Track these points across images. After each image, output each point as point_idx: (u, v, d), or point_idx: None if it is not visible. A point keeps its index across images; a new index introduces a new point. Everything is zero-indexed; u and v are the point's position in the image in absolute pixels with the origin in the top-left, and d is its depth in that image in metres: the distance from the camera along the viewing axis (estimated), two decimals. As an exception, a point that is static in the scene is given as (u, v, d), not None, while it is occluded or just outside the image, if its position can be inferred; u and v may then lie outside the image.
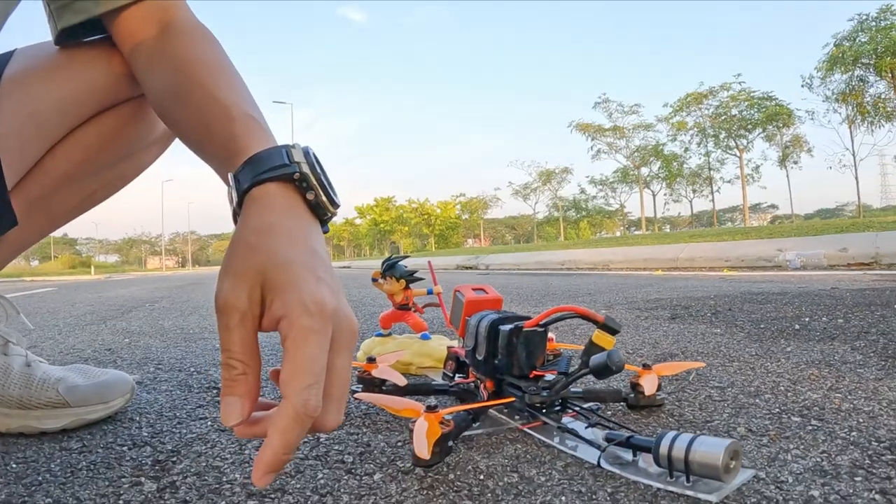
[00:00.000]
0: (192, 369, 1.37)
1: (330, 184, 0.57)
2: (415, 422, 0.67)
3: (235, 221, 0.53)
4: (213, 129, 0.61)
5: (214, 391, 1.13)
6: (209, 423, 0.91)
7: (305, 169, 0.53)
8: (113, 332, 2.21)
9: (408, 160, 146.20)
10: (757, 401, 0.91)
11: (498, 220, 78.85)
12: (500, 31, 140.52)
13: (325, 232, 0.56)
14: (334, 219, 0.58)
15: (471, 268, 11.85)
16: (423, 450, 0.62)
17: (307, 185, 0.53)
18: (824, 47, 28.36)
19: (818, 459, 0.66)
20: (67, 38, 0.73)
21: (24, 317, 0.97)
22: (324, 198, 0.54)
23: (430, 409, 0.68)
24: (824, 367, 1.11)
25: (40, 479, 0.69)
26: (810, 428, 0.77)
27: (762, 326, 1.67)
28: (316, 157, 0.57)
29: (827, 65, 28.23)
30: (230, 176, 0.55)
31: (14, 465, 0.74)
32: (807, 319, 1.77)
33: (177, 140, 1.00)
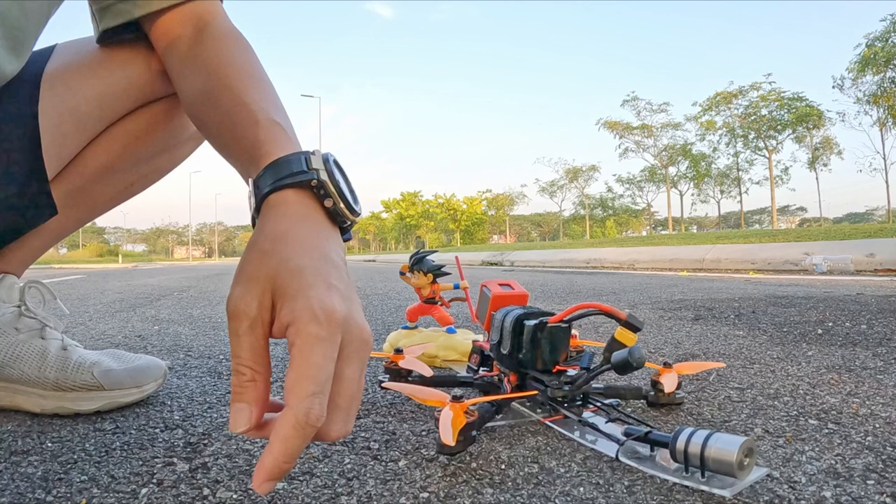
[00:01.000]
0: (221, 356, 1.41)
1: (351, 191, 0.57)
2: (440, 411, 0.69)
3: (254, 226, 0.54)
4: (238, 133, 0.61)
5: (244, 378, 1.15)
6: (239, 408, 0.94)
7: (323, 176, 0.54)
8: (142, 320, 2.25)
9: (434, 155, 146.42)
10: (775, 403, 0.92)
11: (524, 216, 78.67)
12: (527, 27, 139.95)
13: (346, 239, 0.57)
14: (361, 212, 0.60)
15: (496, 264, 11.86)
16: (448, 437, 0.65)
17: (325, 193, 0.53)
18: (856, 48, 27.94)
19: (832, 462, 0.67)
20: (110, 37, 0.76)
21: (60, 302, 0.99)
22: (342, 205, 0.54)
23: (456, 398, 0.70)
24: (844, 372, 1.11)
25: (75, 457, 0.72)
26: (826, 431, 0.78)
27: (785, 330, 1.68)
28: (337, 164, 0.57)
29: (858, 66, 27.79)
30: (250, 181, 0.56)
31: (50, 444, 0.76)
32: (830, 324, 1.77)
33: None
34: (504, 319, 0.86)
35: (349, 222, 0.56)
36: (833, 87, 31.34)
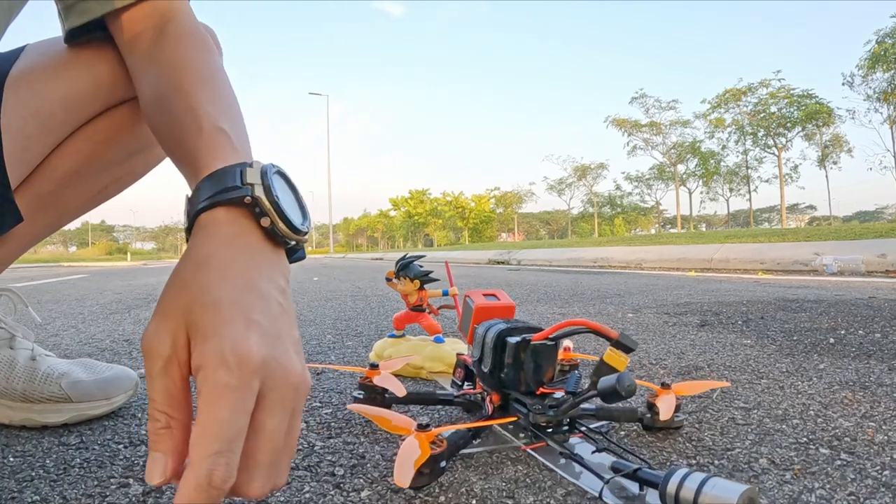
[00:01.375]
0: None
1: (301, 206, 0.52)
2: (404, 440, 0.62)
3: None
4: (182, 140, 0.56)
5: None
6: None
7: (259, 192, 0.47)
8: (135, 322, 2.21)
9: (443, 153, 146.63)
10: (783, 427, 0.84)
11: (532, 214, 78.64)
12: (536, 25, 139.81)
13: (297, 259, 0.52)
14: (369, 209, 0.53)
15: (503, 263, 11.78)
16: (403, 477, 0.57)
17: (261, 210, 0.47)
18: (866, 44, 27.77)
19: (845, 503, 0.60)
20: (77, 36, 0.73)
21: (31, 310, 0.98)
22: (281, 224, 0.48)
23: (422, 427, 0.63)
24: (858, 390, 1.04)
25: (33, 474, 0.69)
26: (839, 463, 0.70)
27: (795, 338, 1.60)
28: (282, 175, 0.52)
29: (868, 63, 27.66)
30: (185, 197, 0.51)
31: (11, 459, 0.74)
32: (842, 332, 1.68)
33: None
34: (486, 335, 0.79)
35: (294, 242, 0.50)
36: (843, 83, 31.21)
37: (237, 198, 0.47)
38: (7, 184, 0.71)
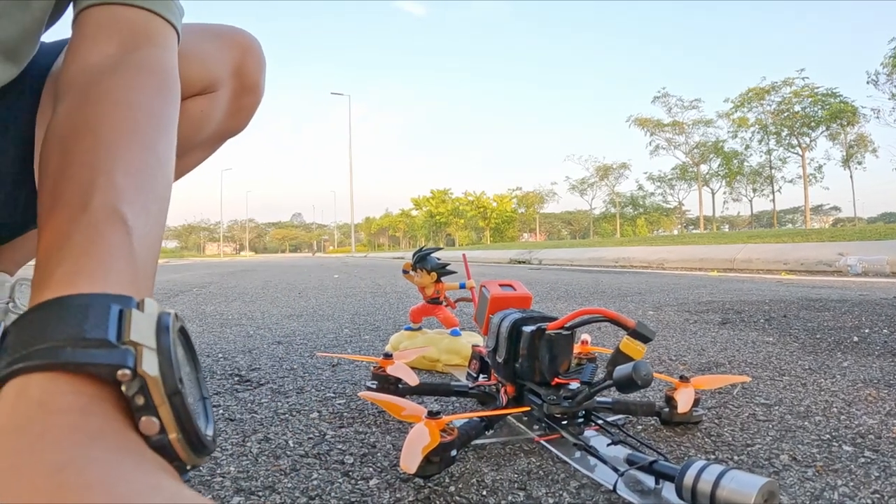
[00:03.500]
0: (219, 355, 1.35)
1: (203, 395, 0.34)
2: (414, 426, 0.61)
3: None
4: (52, 209, 0.37)
5: (236, 378, 1.11)
6: (221, 410, 0.89)
7: (150, 367, 0.28)
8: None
9: (464, 153, 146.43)
10: (806, 423, 0.82)
11: (554, 214, 78.27)
12: (558, 24, 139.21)
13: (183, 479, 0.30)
14: (391, 209, 0.32)
15: (524, 262, 11.71)
16: (410, 462, 0.56)
17: (146, 404, 0.28)
18: (890, 41, 27.30)
19: (868, 501, 0.58)
20: None
21: None
22: (176, 437, 0.29)
23: (433, 414, 0.62)
24: (883, 388, 1.01)
25: None
26: (863, 460, 0.68)
27: (818, 337, 1.56)
28: (186, 336, 0.35)
29: (893, 60, 27.20)
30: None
31: None
32: (866, 331, 1.65)
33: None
34: (500, 324, 0.77)
35: (191, 466, 0.31)
36: (867, 82, 30.73)
37: (102, 367, 0.28)
38: (34, 187, 0.71)
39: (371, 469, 0.65)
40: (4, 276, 0.90)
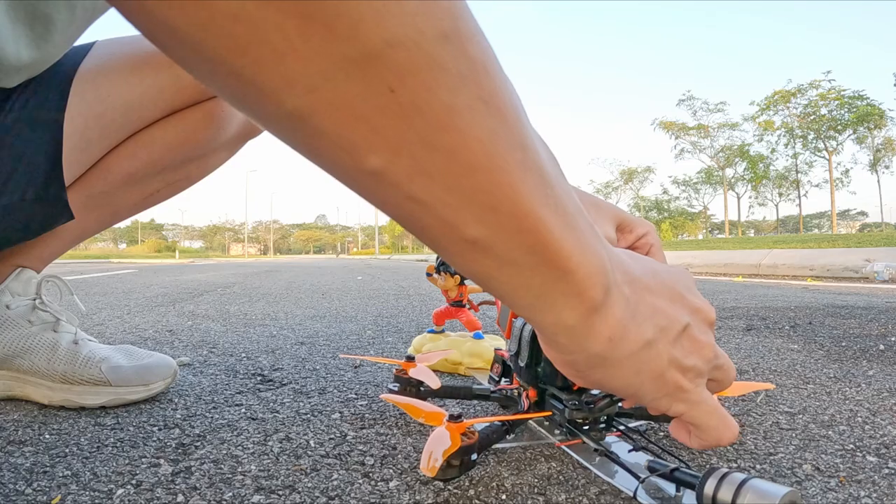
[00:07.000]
0: (242, 354, 1.37)
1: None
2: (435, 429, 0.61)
3: None
4: None
5: (259, 378, 1.12)
6: (243, 409, 0.90)
7: None
8: (179, 315, 2.25)
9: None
10: (829, 433, 0.81)
11: (577, 218, 77.79)
12: (583, 27, 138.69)
13: None
14: None
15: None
16: (430, 464, 0.56)
17: None
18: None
19: (894, 511, 0.57)
20: None
21: (76, 298, 1.00)
22: None
23: (454, 418, 0.62)
24: (910, 397, 0.99)
25: (67, 451, 0.71)
26: (887, 472, 0.67)
27: (843, 344, 1.55)
28: None
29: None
30: None
31: (48, 436, 0.76)
32: (893, 339, 1.62)
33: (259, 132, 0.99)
34: (523, 328, 0.77)
35: None
36: (895, 84, 30.24)
37: None
38: (62, 184, 0.74)
39: (391, 471, 0.66)
40: (31, 272, 0.91)
